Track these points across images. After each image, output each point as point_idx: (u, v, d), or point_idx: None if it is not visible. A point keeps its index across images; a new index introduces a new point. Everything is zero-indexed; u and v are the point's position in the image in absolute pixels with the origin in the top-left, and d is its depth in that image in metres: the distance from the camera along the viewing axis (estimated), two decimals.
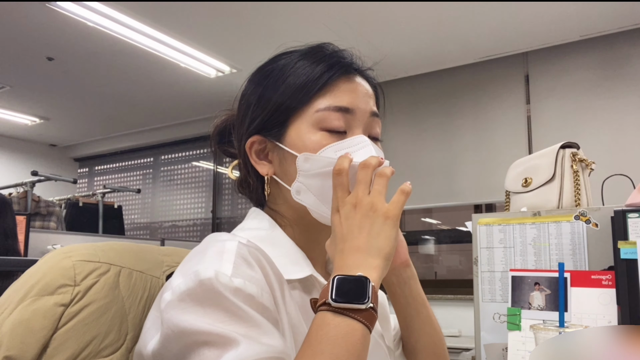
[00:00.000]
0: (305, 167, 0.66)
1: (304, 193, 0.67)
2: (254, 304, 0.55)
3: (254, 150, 0.71)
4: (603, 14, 3.24)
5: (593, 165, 1.38)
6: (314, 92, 0.67)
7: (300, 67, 0.69)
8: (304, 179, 0.67)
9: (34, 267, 0.62)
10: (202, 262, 0.57)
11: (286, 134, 0.68)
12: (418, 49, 3.74)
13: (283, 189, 0.70)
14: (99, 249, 0.67)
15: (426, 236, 4.56)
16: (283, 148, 0.68)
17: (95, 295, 0.62)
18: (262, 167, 0.71)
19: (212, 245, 0.61)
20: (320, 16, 3.22)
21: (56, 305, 0.59)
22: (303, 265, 0.67)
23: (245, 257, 0.59)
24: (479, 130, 3.90)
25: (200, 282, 0.54)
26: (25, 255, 2.77)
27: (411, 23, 3.35)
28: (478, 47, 3.68)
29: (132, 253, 0.70)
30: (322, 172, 0.66)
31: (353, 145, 0.67)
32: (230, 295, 0.54)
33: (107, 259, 0.66)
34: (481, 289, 1.39)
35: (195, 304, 0.53)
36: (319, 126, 0.67)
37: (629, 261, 1.10)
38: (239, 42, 3.59)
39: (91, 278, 0.63)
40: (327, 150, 0.66)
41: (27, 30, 3.47)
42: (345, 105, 0.68)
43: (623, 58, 3.45)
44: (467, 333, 3.61)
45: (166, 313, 0.54)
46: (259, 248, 0.64)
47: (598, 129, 3.45)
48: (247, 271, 0.57)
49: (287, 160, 0.68)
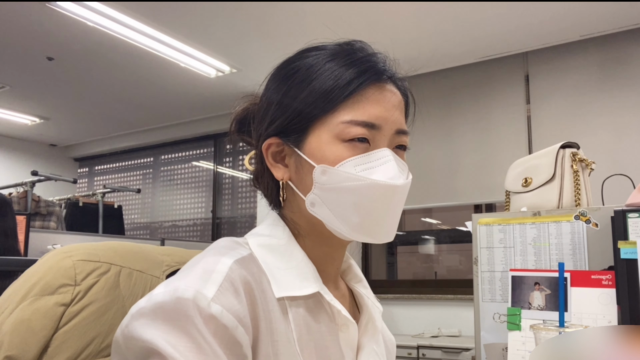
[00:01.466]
0: (322, 179, 0.63)
1: (318, 206, 0.64)
2: (225, 336, 0.53)
3: (271, 152, 0.68)
4: (603, 14, 3.24)
5: (593, 165, 1.38)
6: (340, 100, 0.63)
7: (328, 70, 0.65)
8: (319, 192, 0.64)
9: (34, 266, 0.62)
10: (188, 277, 0.56)
11: (306, 141, 0.65)
12: (418, 49, 3.74)
13: (298, 196, 0.67)
14: (99, 248, 0.67)
15: (426, 236, 4.56)
16: (301, 155, 0.65)
17: (96, 295, 0.62)
18: (278, 170, 0.68)
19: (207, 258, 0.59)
20: (320, 16, 3.22)
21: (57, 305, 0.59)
22: (311, 281, 0.64)
23: (235, 282, 0.57)
24: (479, 130, 3.90)
25: (176, 299, 0.53)
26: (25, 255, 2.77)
27: (411, 23, 3.35)
28: (478, 47, 3.68)
29: (132, 253, 0.70)
30: (339, 187, 0.62)
31: (374, 161, 0.64)
32: (200, 323, 0.52)
33: (108, 258, 0.66)
34: (481, 289, 1.39)
35: (165, 320, 0.52)
36: (341, 138, 0.63)
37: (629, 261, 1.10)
38: (239, 42, 3.59)
39: (92, 278, 0.63)
40: (346, 164, 0.62)
41: (27, 30, 3.47)
42: (372, 121, 0.64)
43: (623, 58, 3.45)
44: (467, 333, 3.61)
45: (135, 319, 0.53)
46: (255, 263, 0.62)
47: (598, 129, 3.45)
48: (230, 298, 0.55)
49: (304, 169, 0.65)
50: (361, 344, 0.69)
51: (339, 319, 0.66)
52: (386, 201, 0.63)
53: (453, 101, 4.03)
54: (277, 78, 0.70)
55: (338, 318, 0.66)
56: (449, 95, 4.05)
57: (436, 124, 4.09)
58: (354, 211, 0.63)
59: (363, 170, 0.63)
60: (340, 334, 0.66)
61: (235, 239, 0.66)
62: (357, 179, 0.62)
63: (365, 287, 0.76)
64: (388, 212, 0.64)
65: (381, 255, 4.52)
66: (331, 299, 0.65)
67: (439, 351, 3.28)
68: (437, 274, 4.33)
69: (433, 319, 3.86)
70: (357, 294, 0.75)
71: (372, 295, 0.76)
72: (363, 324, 0.71)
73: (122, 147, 6.08)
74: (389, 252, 4.57)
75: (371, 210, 0.63)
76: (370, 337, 0.71)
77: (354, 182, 0.62)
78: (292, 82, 0.67)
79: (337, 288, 0.73)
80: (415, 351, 3.34)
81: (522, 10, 3.18)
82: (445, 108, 4.06)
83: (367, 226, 0.64)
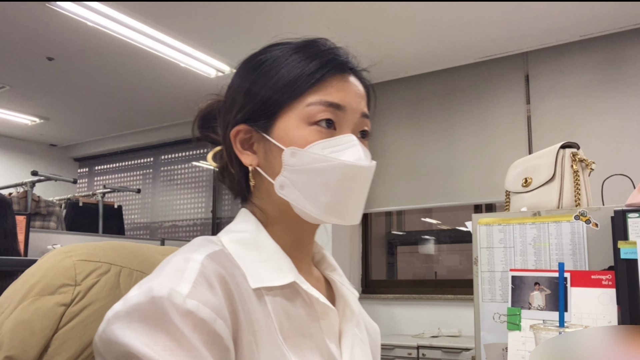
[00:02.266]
0: (291, 161, 0.65)
1: (287, 188, 0.66)
2: (205, 329, 0.54)
3: (239, 139, 0.69)
4: (603, 14, 3.24)
5: (593, 165, 1.38)
6: (306, 87, 0.66)
7: (295, 61, 0.68)
8: (288, 174, 0.65)
9: (33, 266, 0.62)
10: (161, 276, 0.56)
11: (274, 126, 0.67)
12: (418, 49, 3.74)
13: (266, 181, 0.68)
14: (99, 248, 0.67)
15: (426, 236, 4.56)
16: (269, 140, 0.67)
17: (97, 295, 0.62)
18: (247, 157, 0.69)
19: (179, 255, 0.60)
20: (320, 16, 3.22)
21: (57, 305, 0.59)
22: (286, 271, 0.65)
23: (208, 276, 0.57)
24: (479, 130, 3.90)
25: (151, 299, 0.53)
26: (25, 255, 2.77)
27: (411, 23, 3.35)
28: (478, 47, 3.69)
29: (132, 253, 0.70)
30: (308, 169, 0.64)
31: (341, 144, 0.66)
32: (178, 320, 0.52)
33: (108, 258, 0.66)
34: (481, 289, 1.39)
35: (141, 321, 0.52)
36: (308, 121, 0.66)
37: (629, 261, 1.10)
38: (239, 42, 3.60)
39: (92, 278, 0.63)
40: (315, 146, 0.65)
41: (27, 30, 3.47)
42: (337, 101, 0.67)
43: (623, 58, 3.45)
44: (467, 333, 3.61)
45: (111, 323, 0.53)
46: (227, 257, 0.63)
47: (598, 129, 3.45)
48: (205, 293, 0.55)
49: (273, 153, 0.67)
50: (342, 329, 0.70)
51: (317, 307, 0.67)
52: (353, 181, 0.66)
53: (453, 101, 4.03)
54: (245, 69, 0.72)
55: (317, 306, 0.67)
56: (449, 95, 4.06)
57: (436, 124, 4.09)
58: (323, 191, 0.64)
59: (331, 153, 0.65)
60: (321, 322, 0.67)
61: (208, 238, 0.67)
62: (326, 159, 0.64)
63: (340, 275, 0.77)
64: (355, 193, 0.67)
65: (381, 255, 4.52)
66: (308, 288, 0.66)
67: (439, 351, 3.28)
68: (437, 274, 4.33)
69: (433, 319, 3.86)
70: (332, 281, 0.76)
71: (347, 282, 0.77)
72: (341, 310, 0.72)
73: (122, 147, 6.08)
74: (389, 252, 4.57)
75: (339, 191, 0.65)
76: (349, 322, 0.71)
77: (322, 162, 0.64)
78: (260, 71, 0.69)
79: (310, 273, 0.74)
80: (415, 351, 3.34)
81: (522, 11, 3.18)
82: (445, 108, 4.06)
83: (335, 207, 0.65)
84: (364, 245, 4.39)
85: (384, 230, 4.58)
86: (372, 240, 4.46)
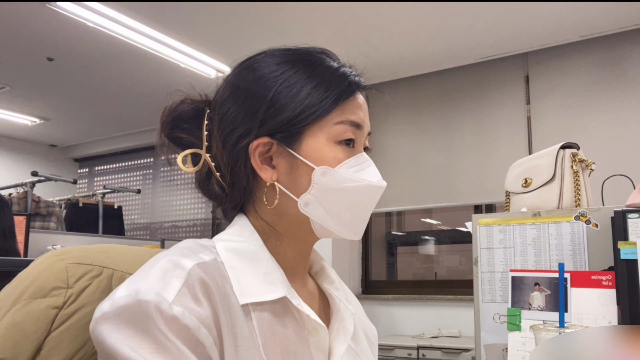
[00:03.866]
0: (321, 180, 0.65)
1: (313, 206, 0.66)
2: (188, 336, 0.54)
3: (258, 152, 0.67)
4: (603, 14, 3.24)
5: (593, 165, 1.38)
6: (334, 105, 0.67)
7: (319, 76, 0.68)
8: (317, 192, 0.65)
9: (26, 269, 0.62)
10: (147, 278, 0.56)
11: (302, 142, 0.66)
12: (418, 49, 3.74)
13: (284, 197, 0.67)
14: (91, 251, 0.66)
15: (426, 236, 4.56)
16: (296, 157, 0.66)
17: (89, 297, 0.62)
18: (266, 172, 0.67)
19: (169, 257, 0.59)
20: (321, 16, 3.22)
21: (49, 308, 0.59)
22: (278, 285, 0.64)
23: (193, 287, 0.57)
24: (479, 130, 3.90)
25: (138, 302, 0.53)
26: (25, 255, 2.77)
27: (411, 23, 3.35)
28: (478, 47, 3.68)
29: (125, 256, 0.69)
30: (337, 188, 0.66)
31: (361, 163, 0.68)
32: (163, 325, 0.53)
33: (100, 261, 0.65)
34: (481, 290, 1.39)
35: (127, 324, 0.53)
36: (335, 140, 0.67)
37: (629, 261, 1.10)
38: (239, 42, 3.60)
39: (84, 280, 0.62)
40: (343, 166, 0.66)
41: (27, 30, 3.48)
42: (358, 121, 0.69)
43: (623, 58, 3.45)
44: (467, 333, 3.61)
45: (99, 324, 0.53)
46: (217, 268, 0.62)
47: (598, 129, 3.45)
48: (189, 303, 0.56)
49: (299, 170, 0.66)
50: (332, 347, 0.69)
51: (308, 323, 0.66)
52: (373, 201, 0.69)
53: (453, 101, 4.03)
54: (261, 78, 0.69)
55: (307, 322, 0.66)
56: (449, 95, 4.05)
57: (436, 124, 4.09)
58: (348, 210, 0.67)
59: (355, 173, 0.67)
60: (310, 339, 0.66)
61: (200, 242, 0.66)
62: (356, 180, 0.66)
63: (338, 289, 0.76)
64: (370, 210, 0.70)
65: (381, 255, 4.52)
66: (299, 304, 0.65)
67: (439, 352, 3.27)
68: (437, 274, 4.33)
69: (433, 319, 3.85)
70: (330, 296, 0.75)
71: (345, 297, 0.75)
72: (335, 328, 0.71)
73: (122, 147, 6.09)
74: (389, 253, 4.57)
75: (361, 209, 0.68)
76: (342, 339, 0.70)
77: (352, 183, 0.66)
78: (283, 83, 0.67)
79: (304, 285, 0.73)
80: (415, 352, 3.34)
81: (522, 11, 3.18)
82: (445, 108, 4.06)
83: (355, 224, 0.68)
84: (364, 246, 4.39)
85: (384, 231, 4.58)
86: (372, 241, 4.46)
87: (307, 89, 0.67)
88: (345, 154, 0.67)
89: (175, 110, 0.74)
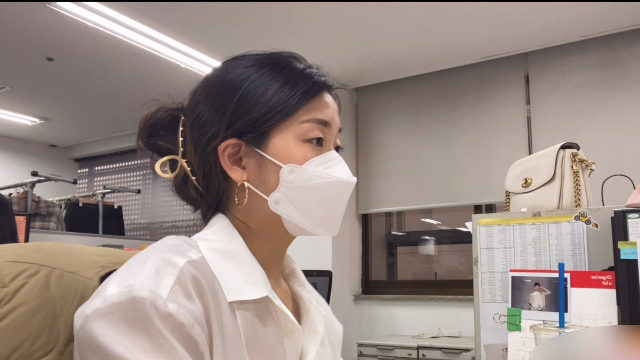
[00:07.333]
0: (289, 178, 0.67)
1: (283, 204, 0.67)
2: (182, 333, 0.55)
3: (227, 153, 0.69)
4: (603, 14, 3.24)
5: (593, 165, 1.38)
6: (299, 105, 0.68)
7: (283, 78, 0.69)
8: (285, 190, 0.67)
9: None
10: (140, 275, 0.56)
11: (269, 142, 0.68)
12: (418, 49, 3.74)
13: (255, 196, 0.69)
14: (28, 249, 0.65)
15: (426, 236, 4.56)
16: (264, 156, 0.68)
17: (25, 297, 0.60)
18: (235, 172, 0.69)
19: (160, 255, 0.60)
20: (320, 16, 3.22)
21: None
22: (260, 285, 0.66)
23: (185, 285, 0.58)
24: (479, 130, 3.90)
25: (132, 299, 0.53)
26: None
27: (411, 23, 3.35)
28: (478, 47, 3.69)
29: (64, 254, 0.68)
30: (305, 185, 0.67)
31: (330, 160, 0.69)
32: (158, 321, 0.53)
33: (37, 259, 0.64)
34: (481, 290, 1.39)
35: (121, 321, 0.53)
36: (302, 138, 0.68)
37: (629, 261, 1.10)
38: (238, 43, 3.59)
39: (20, 279, 0.60)
40: (311, 163, 0.67)
41: (27, 30, 3.48)
42: (326, 119, 0.70)
43: (623, 58, 3.45)
44: (467, 333, 3.61)
45: (90, 321, 0.53)
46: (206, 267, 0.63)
47: (598, 129, 3.45)
48: (182, 300, 0.56)
49: (267, 169, 0.68)
50: (305, 349, 0.70)
51: (284, 324, 0.67)
52: (344, 196, 0.70)
53: (453, 101, 4.03)
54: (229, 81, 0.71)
55: (284, 323, 0.67)
56: (449, 95, 4.06)
57: (436, 124, 4.09)
58: (318, 207, 0.68)
59: (324, 170, 0.68)
60: (285, 339, 0.67)
61: (186, 239, 0.67)
62: (324, 176, 0.68)
63: (309, 291, 0.77)
64: (342, 206, 0.70)
65: (381, 255, 4.52)
66: (279, 304, 0.66)
67: (439, 352, 3.27)
68: (437, 274, 4.33)
69: (433, 319, 3.86)
70: (301, 298, 0.76)
71: (315, 299, 0.77)
72: (305, 329, 0.72)
73: (122, 147, 6.08)
74: (389, 253, 4.57)
75: (332, 205, 0.69)
76: (314, 341, 0.72)
77: (320, 179, 0.67)
78: (250, 85, 0.69)
79: (279, 285, 0.75)
80: (415, 352, 3.34)
81: (522, 11, 3.18)
82: (445, 108, 4.06)
83: (327, 220, 0.69)
84: (364, 246, 4.39)
85: (384, 231, 4.58)
86: (372, 241, 4.46)
87: (273, 90, 0.68)
88: (313, 152, 0.68)
89: (151, 118, 0.76)
